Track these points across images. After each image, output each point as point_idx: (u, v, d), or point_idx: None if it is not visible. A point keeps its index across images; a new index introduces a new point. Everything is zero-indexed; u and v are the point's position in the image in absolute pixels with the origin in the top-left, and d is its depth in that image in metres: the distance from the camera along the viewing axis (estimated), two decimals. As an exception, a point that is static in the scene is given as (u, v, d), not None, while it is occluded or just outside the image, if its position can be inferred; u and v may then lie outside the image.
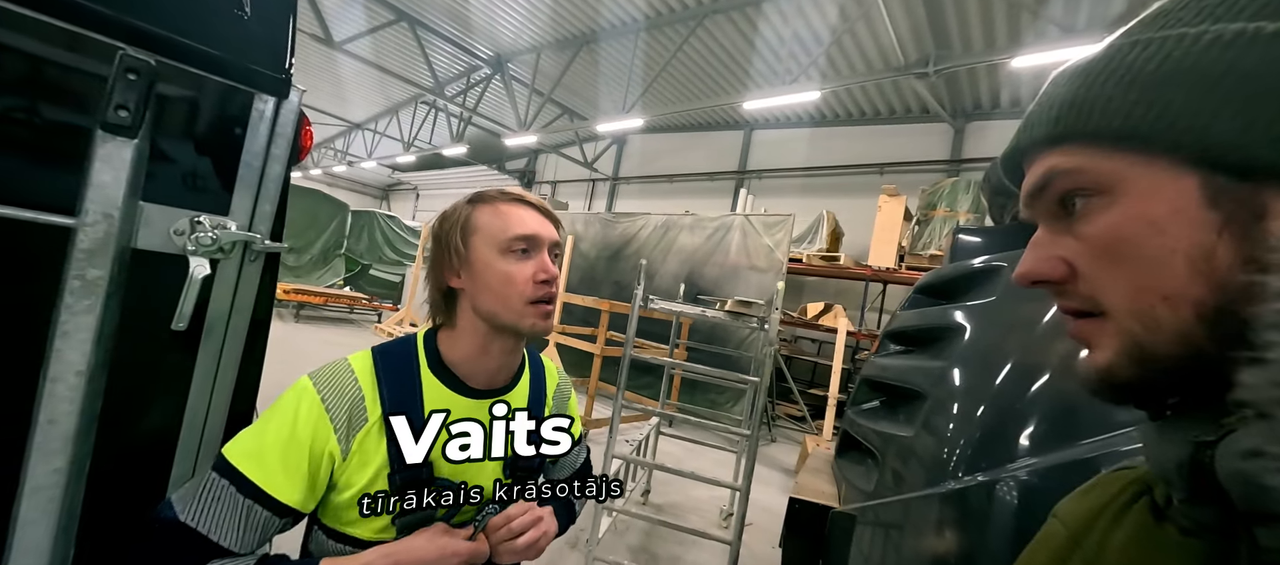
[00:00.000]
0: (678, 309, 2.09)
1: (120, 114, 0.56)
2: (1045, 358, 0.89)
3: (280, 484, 0.58)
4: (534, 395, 0.77)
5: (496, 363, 0.70)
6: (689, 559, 2.55)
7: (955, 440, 0.96)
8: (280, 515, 0.59)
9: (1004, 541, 0.80)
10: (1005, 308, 1.04)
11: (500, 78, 9.78)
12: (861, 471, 1.41)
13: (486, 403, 0.68)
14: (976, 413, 0.95)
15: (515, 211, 0.67)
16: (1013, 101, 7.33)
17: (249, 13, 0.64)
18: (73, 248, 0.57)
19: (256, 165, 0.69)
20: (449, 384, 0.67)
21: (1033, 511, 0.79)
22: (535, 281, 0.65)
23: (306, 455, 0.59)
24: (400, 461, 0.61)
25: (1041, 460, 0.81)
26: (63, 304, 0.57)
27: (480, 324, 0.67)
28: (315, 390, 0.61)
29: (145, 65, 0.57)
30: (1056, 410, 0.85)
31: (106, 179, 0.57)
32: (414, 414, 0.62)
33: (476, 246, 0.66)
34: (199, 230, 0.64)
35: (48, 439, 0.58)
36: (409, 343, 0.69)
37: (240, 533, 0.57)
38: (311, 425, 0.60)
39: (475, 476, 0.68)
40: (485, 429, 0.66)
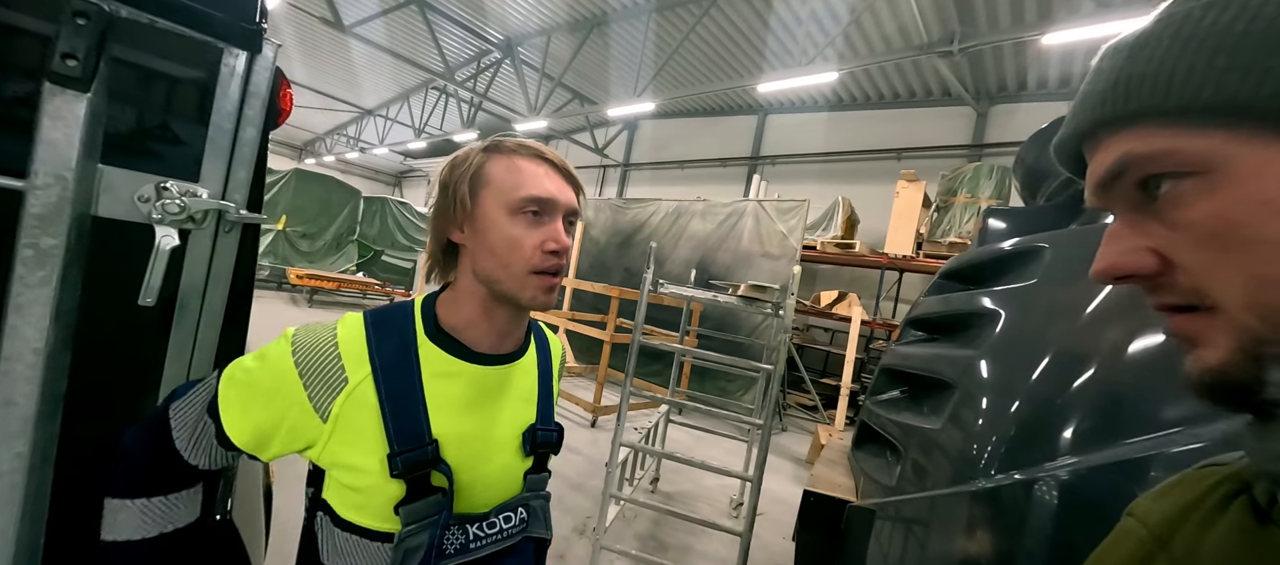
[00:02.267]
0: (688, 293, 2.02)
1: (68, 64, 0.51)
2: (1091, 348, 0.81)
3: (232, 415, 0.56)
4: (542, 366, 0.70)
5: (502, 327, 0.63)
6: (698, 548, 2.51)
7: (987, 435, 0.89)
8: (225, 446, 0.57)
9: (1042, 545, 0.73)
10: (1046, 293, 0.95)
11: (511, 62, 9.67)
12: (881, 464, 1.35)
13: (495, 370, 0.63)
14: (1012, 407, 0.87)
15: (532, 168, 0.60)
16: (1040, 83, 7.04)
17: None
18: (24, 213, 0.52)
19: (228, 128, 0.63)
20: (451, 350, 0.60)
21: (1074, 514, 0.72)
22: (543, 250, 0.58)
23: (265, 400, 0.55)
24: (401, 436, 0.55)
25: (1085, 459, 0.74)
26: (15, 276, 0.52)
27: (479, 287, 0.61)
28: (290, 344, 0.57)
29: (95, 9, 0.51)
30: (1102, 405, 0.77)
31: (57, 137, 0.52)
32: (410, 381, 0.57)
33: (485, 201, 0.59)
34: (165, 197, 0.59)
35: (6, 421, 0.54)
36: (405, 306, 0.63)
37: (191, 437, 0.57)
38: (275, 375, 0.55)
39: (492, 457, 0.62)
40: (500, 398, 0.63)
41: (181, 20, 0.57)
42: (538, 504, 0.67)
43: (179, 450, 0.57)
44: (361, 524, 0.56)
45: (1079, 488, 0.73)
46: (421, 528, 0.56)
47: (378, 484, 0.55)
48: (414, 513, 0.56)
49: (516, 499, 0.64)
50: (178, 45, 0.59)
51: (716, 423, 4.35)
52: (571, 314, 6.02)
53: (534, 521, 0.66)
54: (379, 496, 0.56)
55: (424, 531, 0.56)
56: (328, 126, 17.66)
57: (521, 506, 0.64)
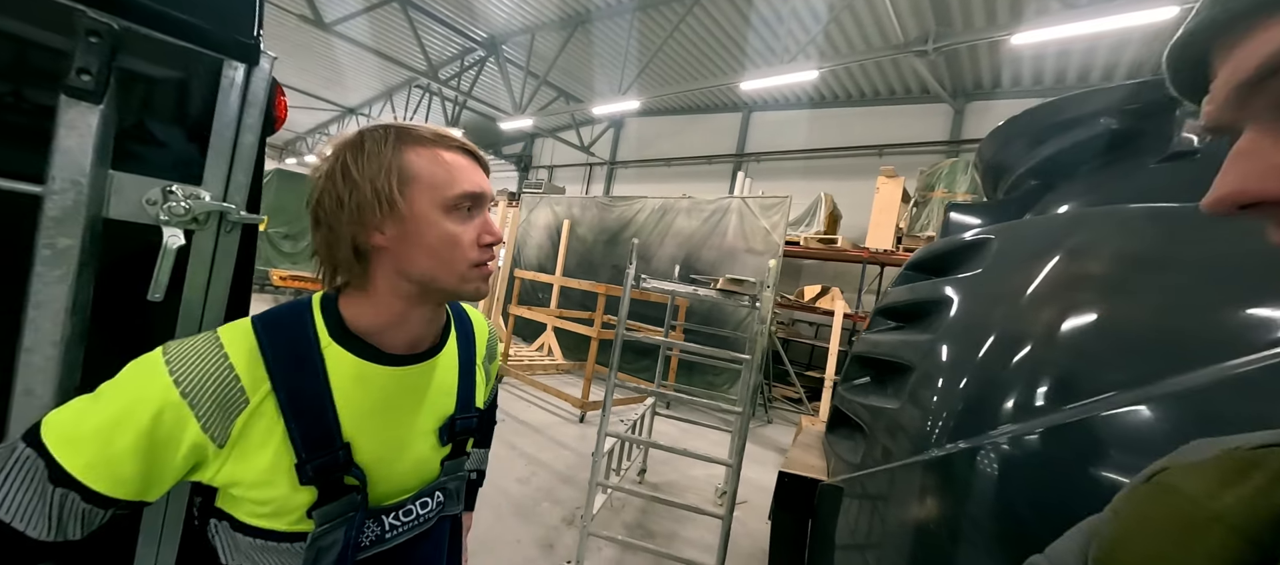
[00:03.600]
0: (671, 288, 2.09)
1: (83, 78, 0.55)
2: (1027, 328, 0.89)
3: (98, 474, 0.45)
4: (464, 355, 0.69)
5: (418, 328, 0.61)
6: (684, 535, 2.59)
7: (939, 410, 0.97)
8: (102, 506, 0.47)
9: (984, 505, 0.81)
10: (990, 280, 1.04)
11: (495, 60, 9.64)
12: (850, 445, 1.43)
13: (411, 369, 0.60)
14: (960, 383, 0.95)
15: (459, 162, 0.57)
16: (1014, 80, 7.25)
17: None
18: (42, 216, 0.56)
19: (228, 135, 0.68)
20: (359, 352, 0.57)
21: (1012, 475, 0.80)
22: (480, 244, 0.58)
23: (145, 446, 0.47)
24: (309, 444, 0.52)
25: (1021, 427, 0.82)
26: (35, 274, 0.56)
27: (404, 286, 0.57)
28: (167, 370, 0.48)
29: (107, 28, 0.56)
30: (1037, 379, 0.85)
31: (72, 145, 0.56)
32: (315, 390, 0.54)
33: (414, 198, 0.55)
34: (171, 200, 0.64)
35: (26, 411, 0.58)
36: (299, 308, 0.57)
37: (49, 518, 0.45)
38: (155, 412, 0.47)
39: (407, 451, 0.61)
40: (415, 396, 0.61)
41: (185, 36, 0.62)
42: (454, 485, 0.67)
43: (33, 537, 0.44)
44: (270, 528, 0.53)
45: (1016, 453, 0.81)
46: (335, 526, 0.54)
47: (286, 494, 0.52)
48: (327, 514, 0.53)
49: (433, 484, 0.63)
50: (181, 58, 0.64)
51: (702, 414, 4.44)
52: (559, 311, 6.06)
53: (450, 501, 0.66)
54: (288, 504, 0.52)
55: (338, 529, 0.54)
56: (309, 125, 17.39)
57: (438, 491, 0.64)
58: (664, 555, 2.18)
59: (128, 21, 0.58)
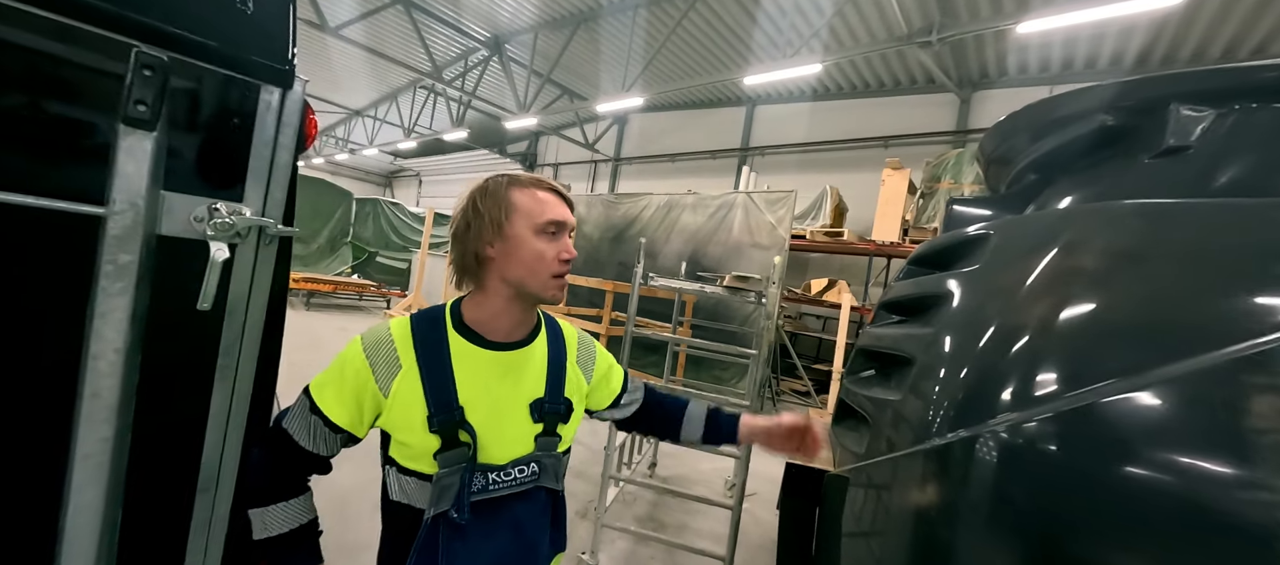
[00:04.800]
0: (677, 285, 2.13)
1: (139, 109, 0.60)
2: (1024, 320, 0.92)
3: (332, 407, 0.75)
4: (553, 351, 0.87)
5: (514, 320, 0.81)
6: (694, 526, 2.64)
7: (940, 401, 1.00)
8: (334, 430, 0.76)
9: (983, 493, 0.84)
10: (988, 274, 1.07)
11: (498, 59, 9.68)
12: (855, 436, 1.47)
13: (507, 354, 0.80)
14: (959, 374, 0.99)
15: (550, 199, 0.79)
16: (1021, 68, 7.17)
17: (252, 8, 0.67)
18: (104, 235, 0.61)
19: (266, 154, 0.73)
20: (470, 339, 0.79)
21: (1010, 464, 0.83)
22: (560, 260, 0.78)
23: (352, 389, 0.75)
24: (436, 404, 0.73)
25: (1019, 416, 0.85)
26: (98, 288, 0.62)
27: (505, 288, 0.79)
28: (361, 343, 0.76)
29: (159, 61, 0.61)
30: (1033, 370, 0.88)
31: (130, 170, 0.62)
32: (442, 364, 0.76)
33: (516, 225, 0.77)
34: (216, 217, 0.69)
35: (93, 411, 0.63)
36: (439, 309, 0.82)
37: (309, 436, 0.76)
38: (355, 368, 0.75)
39: (506, 422, 0.79)
40: (511, 375, 0.80)
41: (227, 65, 0.66)
42: (549, 461, 0.83)
43: (305, 447, 0.76)
44: (415, 468, 0.76)
45: (1014, 441, 0.84)
46: (453, 472, 0.74)
47: (421, 439, 0.74)
48: (447, 460, 0.74)
49: (528, 456, 0.81)
50: (223, 86, 0.69)
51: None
52: (567, 309, 6.12)
53: (544, 474, 0.82)
54: (422, 448, 0.74)
55: (455, 475, 0.74)
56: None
57: (532, 461, 0.81)
58: (675, 546, 2.23)
59: (176, 53, 0.63)
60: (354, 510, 1.83)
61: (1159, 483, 0.63)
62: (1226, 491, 0.58)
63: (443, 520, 0.73)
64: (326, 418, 0.75)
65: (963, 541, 0.85)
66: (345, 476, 1.01)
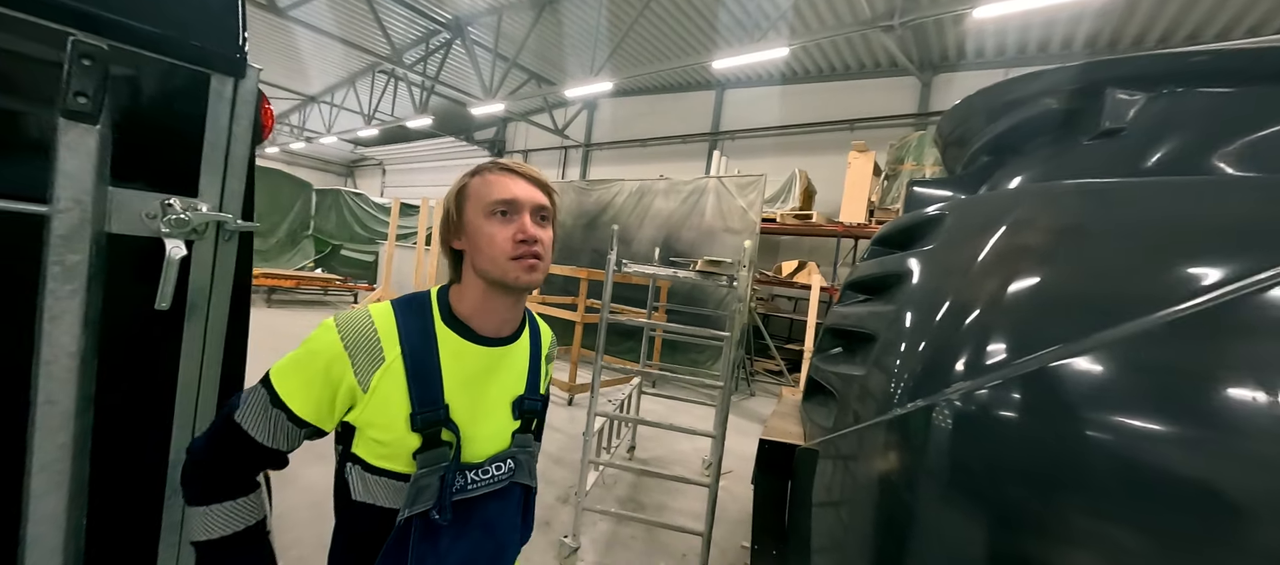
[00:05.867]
0: (651, 271, 2.15)
1: (80, 100, 0.57)
2: (975, 295, 0.98)
3: (298, 400, 0.67)
4: (533, 349, 0.86)
5: (500, 315, 0.77)
6: (674, 506, 2.71)
7: (899, 374, 1.06)
8: (298, 425, 0.68)
9: (940, 457, 0.90)
10: (942, 253, 1.13)
11: (461, 43, 9.37)
12: (824, 411, 1.53)
13: (495, 351, 0.77)
14: (917, 347, 1.04)
15: (500, 179, 0.74)
16: (978, 52, 7.42)
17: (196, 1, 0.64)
18: (49, 234, 0.59)
19: (220, 146, 0.70)
20: (462, 334, 0.75)
21: (963, 428, 0.89)
22: (514, 240, 0.71)
23: (324, 381, 0.67)
24: (421, 400, 0.69)
25: (972, 384, 0.91)
26: (47, 290, 0.59)
27: (478, 280, 0.74)
28: (336, 330, 0.68)
29: (99, 50, 0.58)
30: (984, 340, 0.95)
31: (73, 166, 0.59)
32: (430, 359, 0.71)
33: (468, 212, 0.74)
34: (170, 213, 0.66)
35: (49, 418, 0.61)
36: (424, 295, 0.77)
37: (269, 432, 0.68)
38: (329, 358, 0.67)
39: (488, 419, 0.76)
40: (496, 373, 0.77)
41: (173, 53, 0.64)
42: (524, 457, 0.81)
43: (263, 444, 0.67)
44: (387, 467, 0.70)
45: (967, 408, 0.90)
46: (432, 472, 0.69)
47: (400, 437, 0.68)
48: (427, 460, 0.69)
49: (505, 452, 0.78)
50: (170, 75, 0.66)
51: (687, 391, 4.57)
52: (542, 298, 6.08)
53: (520, 470, 0.81)
54: (401, 447, 0.69)
55: (434, 475, 0.70)
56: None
57: (510, 458, 0.79)
58: (655, 524, 2.29)
59: (116, 42, 0.60)
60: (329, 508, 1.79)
61: (1100, 439, 0.69)
62: (1159, 444, 0.64)
63: (418, 521, 0.69)
64: (291, 411, 0.67)
65: (923, 505, 0.91)
66: (320, 474, 0.96)
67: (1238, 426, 0.62)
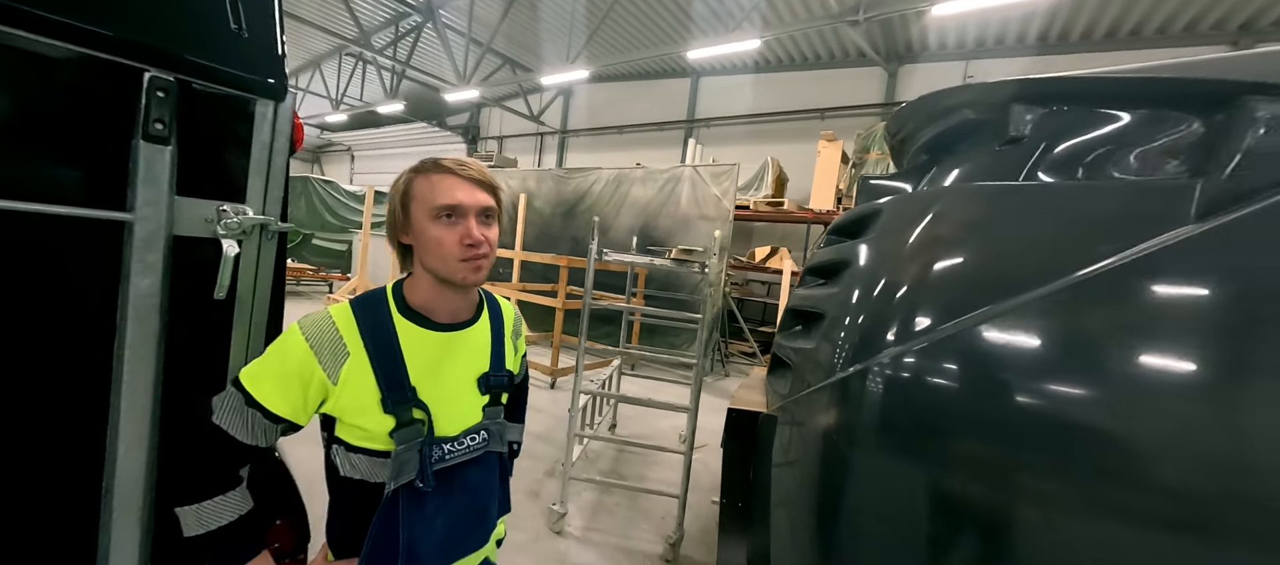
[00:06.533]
0: (629, 260, 2.30)
1: (156, 126, 0.69)
2: (901, 277, 1.18)
3: (272, 399, 0.72)
4: (495, 328, 0.91)
5: (452, 304, 0.82)
6: (653, 476, 2.92)
7: (841, 344, 1.25)
8: (274, 422, 0.73)
9: (873, 413, 1.10)
10: (878, 242, 1.32)
11: (433, 26, 9.18)
12: (783, 382, 1.73)
13: (453, 335, 0.82)
14: (857, 321, 1.24)
15: (444, 182, 0.76)
16: (941, 45, 7.73)
17: (246, 33, 0.76)
18: (132, 238, 0.71)
19: (263, 159, 0.82)
20: (417, 322, 0.79)
21: (892, 388, 1.08)
22: (461, 244, 0.75)
23: (296, 379, 0.72)
24: (388, 385, 0.74)
25: (898, 350, 1.11)
26: (131, 283, 0.71)
27: (427, 274, 0.79)
28: (301, 332, 0.73)
29: (170, 84, 0.70)
30: (912, 313, 1.14)
31: (150, 180, 0.71)
32: (391, 348, 0.76)
33: (414, 212, 0.76)
34: (225, 217, 0.79)
35: (132, 392, 0.74)
36: (380, 292, 0.82)
37: (248, 430, 0.72)
38: (298, 358, 0.72)
39: (455, 396, 0.82)
40: (456, 353, 0.82)
41: (229, 83, 0.76)
42: (496, 428, 0.88)
43: (243, 441, 0.72)
44: (369, 447, 0.76)
45: (896, 369, 1.09)
46: (410, 447, 0.75)
47: (376, 420, 0.74)
48: (403, 436, 0.75)
49: (478, 425, 0.84)
50: (224, 102, 0.78)
51: (665, 371, 4.78)
52: (521, 285, 6.17)
53: (493, 440, 0.87)
54: (378, 428, 0.74)
55: (413, 450, 0.76)
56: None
57: (482, 430, 0.85)
58: (637, 489, 2.48)
59: (183, 75, 0.72)
60: (321, 487, 1.91)
61: (999, 390, 0.89)
62: (1042, 392, 0.84)
63: (404, 490, 0.75)
64: (267, 409, 0.72)
65: (859, 457, 1.11)
66: (310, 454, 0.99)
67: (1101, 376, 0.81)
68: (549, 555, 2.04)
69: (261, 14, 0.77)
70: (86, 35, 0.65)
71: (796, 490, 1.34)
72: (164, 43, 0.70)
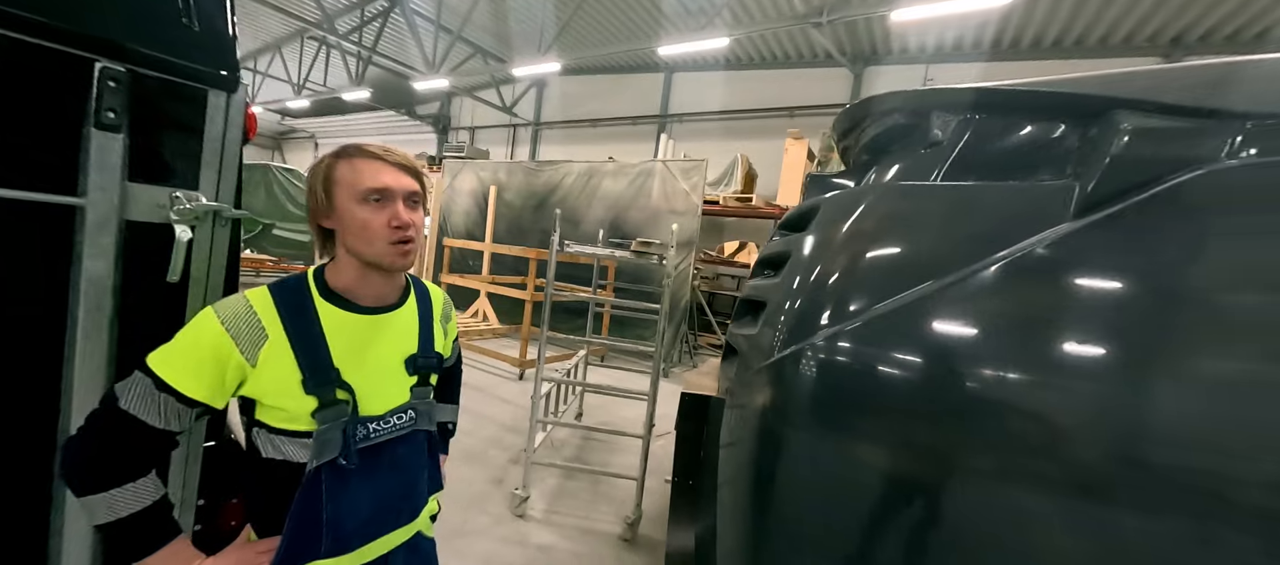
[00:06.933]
0: (592, 251, 2.37)
1: (108, 115, 0.72)
2: (831, 268, 1.29)
3: (185, 382, 0.70)
4: (423, 312, 0.91)
5: (378, 288, 0.82)
6: (615, 462, 3.01)
7: (780, 329, 1.36)
8: (188, 405, 0.71)
9: (804, 391, 1.20)
10: (813, 237, 1.43)
11: (400, 11, 8.96)
12: (732, 368, 1.84)
13: (378, 317, 0.82)
14: (794, 307, 1.34)
15: (370, 166, 0.76)
16: (903, 49, 8.03)
17: (197, 25, 0.79)
18: (85, 222, 0.74)
19: (216, 148, 0.86)
20: (340, 304, 0.79)
21: (822, 367, 1.19)
22: (389, 227, 0.76)
23: (211, 362, 0.70)
24: (309, 368, 0.74)
25: (828, 331, 1.22)
26: (83, 266, 0.74)
27: (351, 258, 0.79)
28: (216, 315, 0.72)
29: (121, 75, 0.73)
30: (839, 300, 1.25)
31: (102, 167, 0.74)
32: (311, 330, 0.76)
33: (338, 196, 0.76)
34: (177, 203, 0.82)
35: (87, 370, 0.77)
36: (300, 277, 0.81)
37: (160, 415, 0.70)
38: (212, 340, 0.70)
39: (381, 377, 0.82)
40: (382, 336, 0.82)
41: (181, 74, 0.79)
42: (424, 408, 0.88)
43: (155, 426, 0.69)
44: (290, 428, 0.75)
45: (824, 350, 1.20)
46: (334, 427, 0.76)
47: (297, 402, 0.74)
48: (325, 417, 0.75)
49: (405, 405, 0.85)
50: (176, 92, 0.81)
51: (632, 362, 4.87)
52: (491, 278, 6.14)
53: (421, 419, 0.88)
54: (299, 409, 0.74)
55: (336, 429, 0.76)
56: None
57: (410, 409, 0.85)
58: (598, 473, 2.57)
59: (135, 66, 0.75)
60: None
61: (914, 366, 1.00)
62: (956, 370, 0.94)
63: (327, 468, 0.75)
64: (180, 393, 0.69)
65: (791, 430, 1.21)
66: None
67: (998, 352, 0.92)
68: (511, 536, 2.10)
69: (213, 7, 0.81)
70: (38, 26, 0.68)
71: (738, 467, 1.44)
72: (115, 34, 0.73)
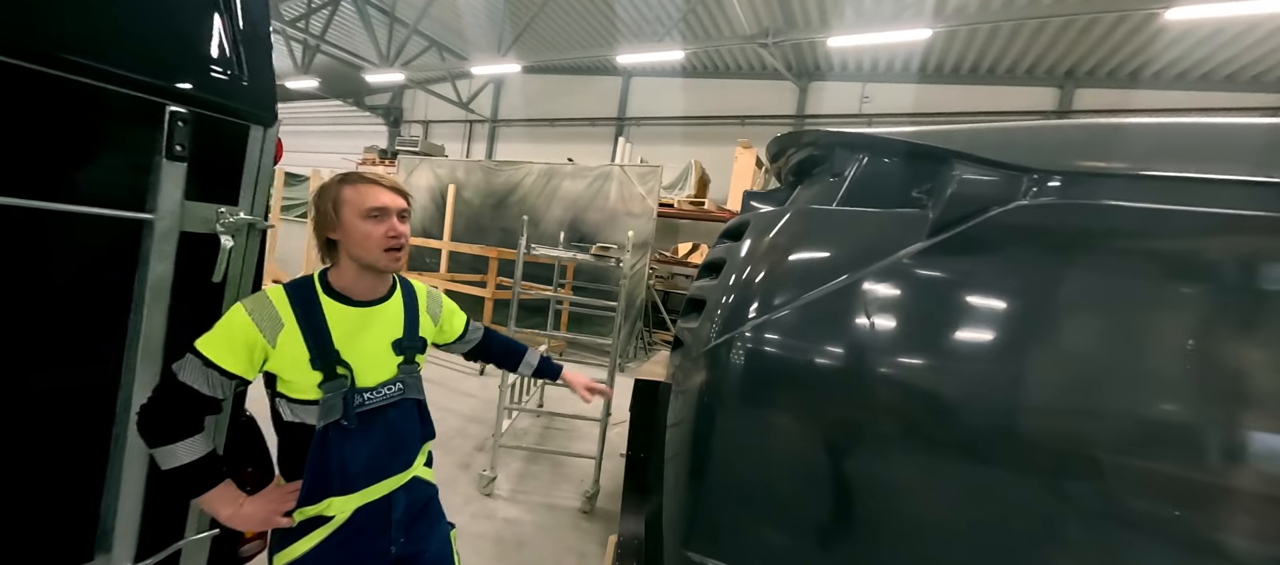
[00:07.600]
0: (555, 254, 2.59)
1: (176, 148, 0.91)
2: (754, 273, 1.60)
3: (226, 359, 0.89)
4: (408, 303, 1.11)
5: (370, 285, 1.02)
6: (576, 447, 3.25)
7: (715, 322, 1.66)
8: (228, 378, 0.91)
9: (736, 374, 1.50)
10: (744, 246, 1.74)
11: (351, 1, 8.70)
12: (678, 357, 2.13)
13: (370, 309, 1.03)
14: (728, 302, 1.65)
15: (371, 189, 0.97)
16: (841, 66, 8.69)
17: (247, 82, 0.98)
18: (152, 234, 0.92)
19: (253, 171, 1.04)
20: (340, 300, 0.99)
21: (750, 353, 1.48)
22: (386, 237, 0.97)
23: (242, 344, 0.90)
24: (316, 349, 0.94)
25: (754, 322, 1.52)
26: (149, 269, 0.92)
27: (352, 263, 0.98)
28: (244, 308, 0.92)
29: (191, 114, 0.91)
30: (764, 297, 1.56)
31: (169, 189, 0.92)
32: (318, 321, 0.96)
33: (345, 214, 0.96)
34: (223, 217, 1.01)
35: (149, 354, 0.94)
36: (308, 279, 1.01)
37: (208, 385, 0.89)
38: (242, 327, 0.90)
39: (372, 356, 1.01)
40: (373, 324, 1.02)
41: (233, 114, 0.98)
42: (411, 380, 1.08)
43: (205, 394, 0.90)
44: (302, 397, 0.95)
45: (752, 338, 1.50)
46: (336, 395, 0.96)
47: (306, 376, 0.94)
48: (329, 387, 0.95)
49: (394, 378, 1.05)
50: (226, 127, 0.99)
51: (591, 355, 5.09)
52: (450, 276, 6.18)
53: (409, 389, 1.08)
54: (308, 383, 0.94)
55: (337, 396, 0.96)
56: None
57: (398, 381, 1.05)
58: (559, 454, 2.79)
59: (197, 109, 0.93)
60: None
61: (815, 353, 1.30)
62: (844, 356, 1.25)
63: (333, 427, 0.95)
64: (221, 368, 0.88)
65: (721, 408, 1.50)
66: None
67: (873, 341, 1.24)
68: (480, 512, 2.30)
69: (260, 63, 0.99)
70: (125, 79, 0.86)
71: (681, 442, 1.71)
72: (183, 85, 0.91)
